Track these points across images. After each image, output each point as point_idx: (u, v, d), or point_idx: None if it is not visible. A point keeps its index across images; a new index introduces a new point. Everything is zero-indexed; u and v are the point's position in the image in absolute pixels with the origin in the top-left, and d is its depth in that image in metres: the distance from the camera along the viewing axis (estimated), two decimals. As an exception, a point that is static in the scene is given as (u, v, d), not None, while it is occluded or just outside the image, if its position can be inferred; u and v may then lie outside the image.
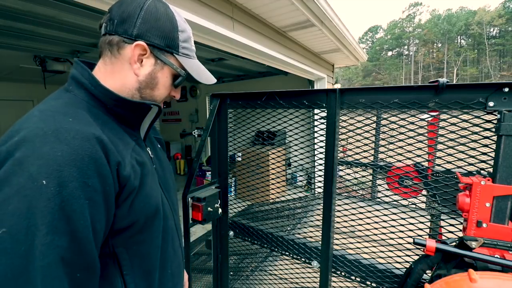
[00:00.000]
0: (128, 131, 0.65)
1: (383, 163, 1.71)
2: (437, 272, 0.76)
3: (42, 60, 3.71)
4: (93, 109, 0.58)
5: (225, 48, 2.48)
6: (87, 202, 0.47)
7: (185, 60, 0.68)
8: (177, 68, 0.67)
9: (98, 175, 0.49)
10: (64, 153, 0.46)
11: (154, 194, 0.64)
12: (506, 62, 49.47)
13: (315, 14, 2.87)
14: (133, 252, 0.60)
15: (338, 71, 16.33)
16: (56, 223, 0.44)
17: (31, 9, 2.04)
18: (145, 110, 0.66)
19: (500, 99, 0.77)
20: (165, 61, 0.65)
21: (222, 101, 1.34)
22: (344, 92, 1.02)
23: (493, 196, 0.73)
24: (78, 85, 0.60)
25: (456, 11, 58.71)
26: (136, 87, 0.64)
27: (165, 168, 0.79)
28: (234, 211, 1.52)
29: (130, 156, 0.59)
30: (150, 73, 0.64)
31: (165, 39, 0.63)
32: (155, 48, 0.63)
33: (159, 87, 0.67)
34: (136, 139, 0.67)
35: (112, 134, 0.58)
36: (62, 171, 0.45)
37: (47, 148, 0.45)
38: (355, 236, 1.12)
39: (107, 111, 0.61)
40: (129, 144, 0.62)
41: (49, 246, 0.43)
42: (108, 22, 0.62)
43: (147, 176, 0.62)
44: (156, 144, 0.83)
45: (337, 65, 5.55)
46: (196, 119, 6.98)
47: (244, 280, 1.92)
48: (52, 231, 0.43)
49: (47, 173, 0.44)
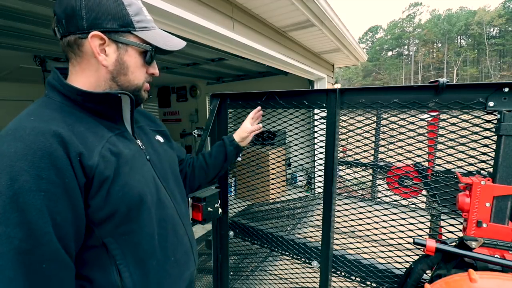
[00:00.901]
0: (109, 125, 0.65)
1: (383, 163, 1.71)
2: (437, 272, 0.76)
3: (42, 60, 3.71)
4: (65, 107, 0.60)
5: (225, 48, 2.48)
6: (42, 194, 0.48)
7: (145, 33, 0.65)
8: (140, 44, 0.65)
9: (53, 168, 0.50)
10: (18, 149, 0.48)
11: (136, 184, 0.63)
12: (506, 62, 49.46)
13: (315, 14, 2.86)
14: (123, 242, 0.61)
15: (338, 71, 16.33)
16: (8, 215, 0.45)
17: (31, 9, 2.04)
18: (115, 100, 0.65)
19: (500, 99, 0.77)
20: (126, 42, 0.63)
21: (222, 101, 1.34)
22: (344, 92, 1.02)
23: (493, 196, 0.73)
24: (52, 88, 0.62)
25: (456, 11, 58.70)
26: (109, 77, 0.64)
27: (162, 159, 0.78)
28: (234, 211, 1.52)
29: (102, 147, 0.59)
30: (117, 60, 0.63)
31: (116, 20, 0.61)
32: (111, 33, 0.61)
33: (132, 70, 0.66)
34: (121, 132, 0.67)
35: (85, 128, 0.59)
36: (14, 166, 0.47)
37: (4, 147, 0.48)
38: (355, 236, 1.12)
39: (81, 107, 0.62)
40: (103, 137, 0.62)
41: (1, 237, 0.45)
42: (58, 24, 0.61)
43: (124, 166, 0.62)
44: (153, 136, 0.83)
45: (337, 65, 5.55)
46: (196, 119, 6.98)
47: (244, 280, 1.92)
48: (5, 222, 0.45)
49: (1, 169, 0.47)
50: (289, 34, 3.35)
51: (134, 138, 0.71)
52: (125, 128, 0.70)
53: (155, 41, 0.66)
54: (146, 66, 0.68)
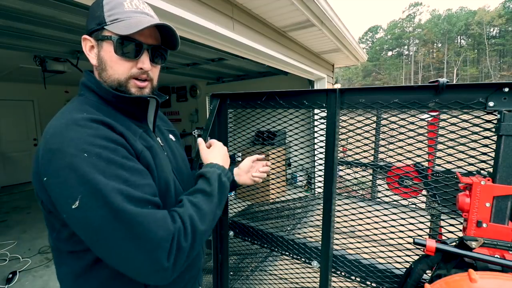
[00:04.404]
0: (135, 123, 0.72)
1: (383, 163, 1.71)
2: (437, 272, 0.76)
3: (42, 60, 3.71)
4: (102, 106, 0.67)
5: (225, 48, 2.48)
6: (120, 148, 0.59)
7: (115, 25, 0.64)
8: (110, 36, 0.65)
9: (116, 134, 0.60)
10: (88, 132, 0.56)
11: (163, 174, 0.69)
12: (506, 62, 49.46)
13: (315, 14, 2.87)
14: None
15: (338, 71, 16.32)
16: (112, 170, 0.55)
17: (31, 9, 2.04)
18: (144, 103, 0.72)
19: (500, 99, 0.77)
20: (99, 37, 0.66)
21: (222, 101, 1.34)
22: (344, 92, 1.02)
23: (493, 196, 0.73)
24: (87, 89, 0.69)
25: (456, 11, 58.71)
26: (97, 74, 0.70)
27: (177, 157, 0.85)
28: (234, 211, 1.52)
29: (138, 139, 0.67)
30: (97, 57, 0.68)
31: (95, 20, 0.66)
32: (92, 33, 0.67)
33: (110, 65, 0.67)
34: (145, 130, 0.73)
35: (120, 124, 0.65)
36: (94, 144, 0.55)
37: (72, 133, 0.55)
38: (355, 236, 1.12)
39: (114, 108, 0.69)
40: (136, 132, 0.69)
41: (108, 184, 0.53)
42: None
43: (156, 157, 0.69)
44: (168, 135, 0.89)
45: (337, 65, 5.56)
46: (196, 119, 6.98)
47: (244, 280, 1.92)
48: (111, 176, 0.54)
49: (82, 149, 0.54)
50: (289, 34, 3.35)
51: (154, 136, 0.78)
52: (148, 127, 0.77)
53: (120, 29, 0.64)
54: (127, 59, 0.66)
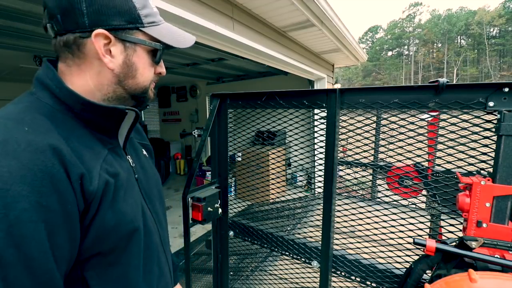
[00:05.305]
0: (102, 138, 0.57)
1: (383, 163, 1.71)
2: (437, 272, 0.76)
3: (42, 60, 3.71)
4: (58, 114, 0.50)
5: (225, 48, 2.48)
6: (43, 225, 0.41)
7: (153, 29, 0.57)
8: (150, 43, 0.57)
9: (55, 193, 0.42)
10: (12, 168, 0.39)
11: (129, 211, 0.55)
12: (506, 62, 49.46)
13: (315, 14, 2.87)
14: (106, 276, 0.53)
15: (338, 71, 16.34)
16: (2, 253, 0.37)
17: (31, 9, 2.04)
18: (120, 116, 0.57)
19: (500, 99, 0.77)
20: (134, 40, 0.55)
21: (222, 101, 1.34)
22: (344, 92, 1.02)
23: (493, 196, 0.73)
24: (42, 87, 0.52)
25: (456, 11, 58.72)
26: (115, 81, 0.56)
27: (149, 178, 0.70)
28: (234, 211, 1.52)
29: (100, 167, 0.51)
30: (124, 62, 0.55)
31: (123, 15, 0.52)
32: (117, 31, 0.52)
33: (141, 72, 0.58)
34: (113, 147, 0.59)
35: (79, 142, 0.50)
36: (9, 190, 0.38)
37: None
38: (355, 236, 1.12)
39: (75, 116, 0.52)
40: (100, 154, 0.54)
41: None
42: (51, 21, 0.51)
43: (120, 190, 0.55)
44: (141, 150, 0.75)
45: (337, 65, 5.55)
46: (196, 119, 6.98)
47: (244, 280, 1.92)
48: None
49: None
50: (289, 34, 3.35)
51: (125, 154, 0.63)
52: (118, 142, 0.61)
53: (164, 38, 0.58)
54: (154, 66, 0.61)
